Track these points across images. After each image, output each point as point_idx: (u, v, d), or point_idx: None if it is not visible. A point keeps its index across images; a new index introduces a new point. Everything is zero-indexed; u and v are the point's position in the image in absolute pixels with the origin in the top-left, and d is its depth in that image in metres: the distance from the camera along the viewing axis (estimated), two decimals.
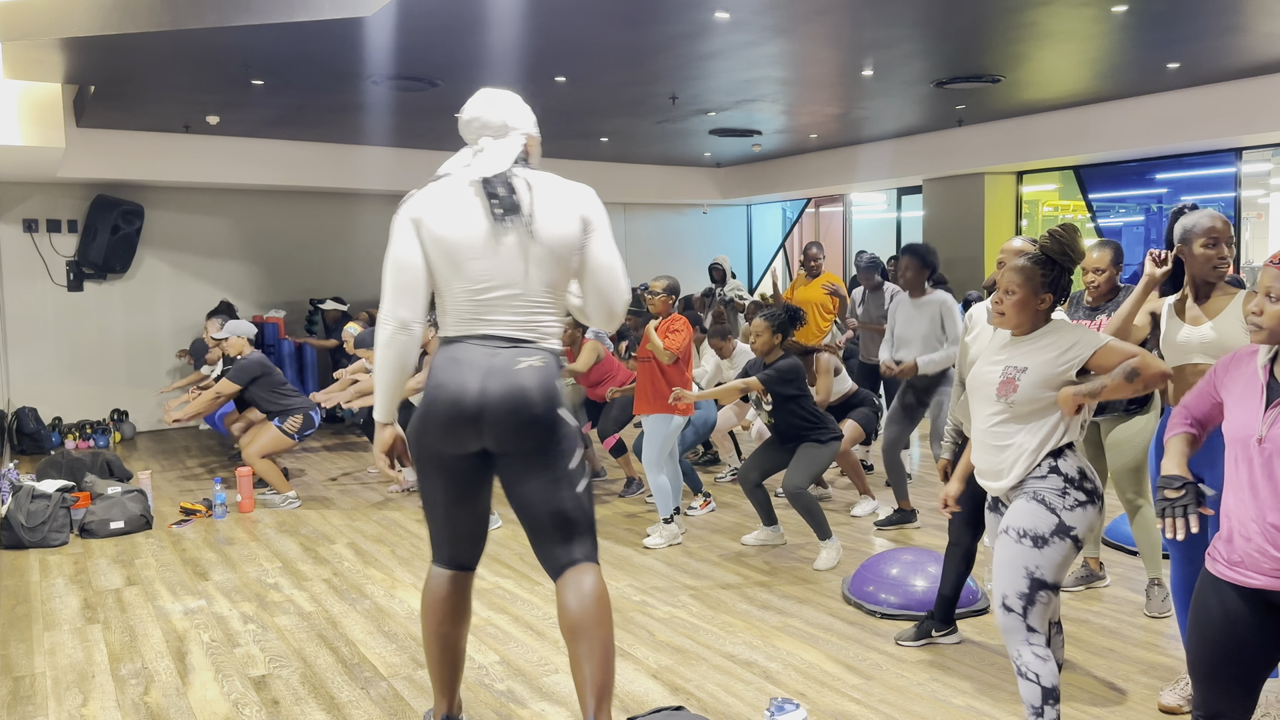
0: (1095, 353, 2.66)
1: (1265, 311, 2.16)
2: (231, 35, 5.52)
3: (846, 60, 6.62)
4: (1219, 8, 5.48)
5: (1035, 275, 2.75)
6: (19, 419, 9.09)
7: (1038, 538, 2.66)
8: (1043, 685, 2.65)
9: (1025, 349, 2.77)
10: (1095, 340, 2.68)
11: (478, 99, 2.85)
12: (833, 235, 13.93)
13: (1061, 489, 2.68)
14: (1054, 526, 2.66)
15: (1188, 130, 8.00)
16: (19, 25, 5.53)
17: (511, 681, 3.64)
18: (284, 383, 6.80)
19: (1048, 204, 12.05)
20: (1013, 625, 2.69)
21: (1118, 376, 2.60)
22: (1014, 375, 2.73)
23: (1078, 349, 2.69)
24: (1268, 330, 2.17)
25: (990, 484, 2.85)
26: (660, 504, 5.44)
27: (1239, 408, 2.24)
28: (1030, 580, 2.66)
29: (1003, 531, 2.73)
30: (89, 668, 3.85)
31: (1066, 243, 2.76)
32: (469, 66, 6.50)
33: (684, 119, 8.88)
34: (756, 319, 5.08)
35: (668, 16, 5.40)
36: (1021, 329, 2.79)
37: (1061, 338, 2.73)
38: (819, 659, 3.79)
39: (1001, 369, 2.77)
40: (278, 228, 10.56)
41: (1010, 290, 2.76)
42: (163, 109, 7.89)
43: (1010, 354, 2.80)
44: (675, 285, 5.47)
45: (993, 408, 2.78)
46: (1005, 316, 2.78)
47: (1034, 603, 2.66)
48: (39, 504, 5.67)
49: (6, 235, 9.30)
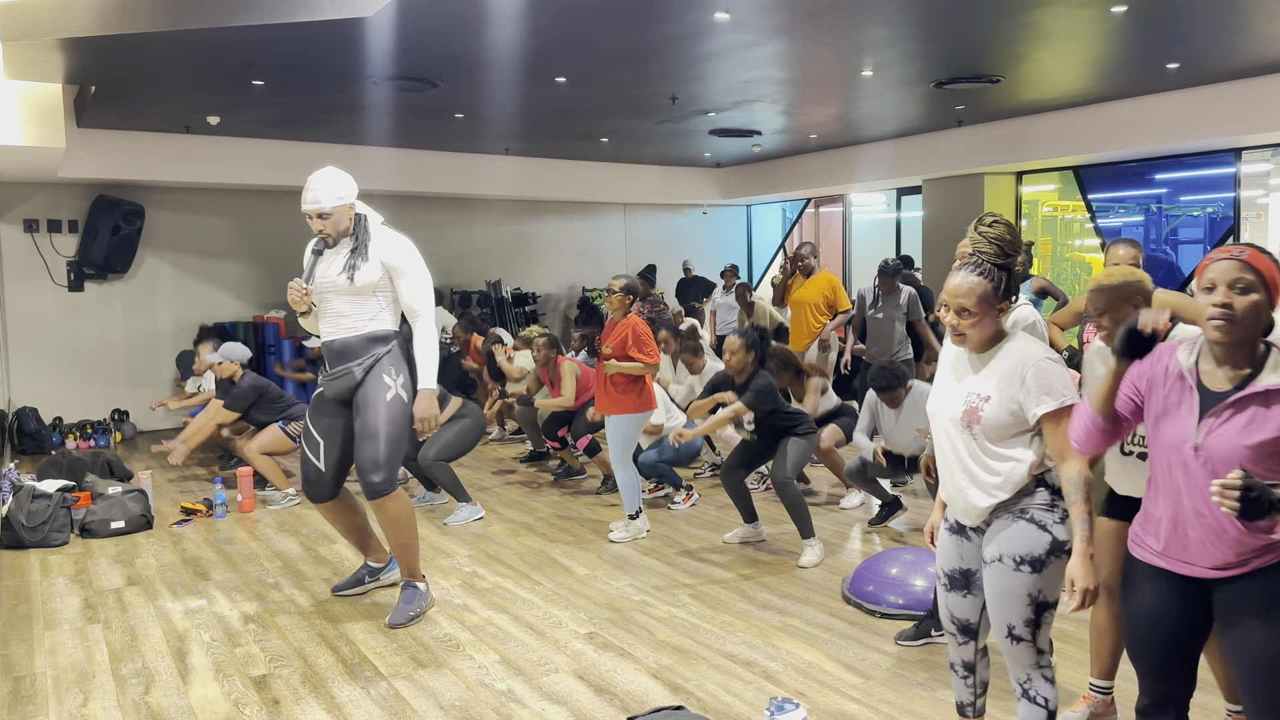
0: (1046, 418, 2.42)
1: (1235, 303, 2.06)
2: (231, 35, 5.53)
3: (846, 60, 6.63)
4: (1218, 8, 5.49)
5: (989, 292, 2.45)
6: (20, 419, 9.10)
7: (1036, 561, 2.45)
8: (1049, 709, 2.52)
9: (986, 370, 2.50)
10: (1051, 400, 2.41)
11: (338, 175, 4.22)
12: (832, 235, 13.93)
13: (1050, 503, 2.47)
14: (1049, 545, 2.45)
15: (1187, 130, 8.00)
16: (19, 25, 5.53)
17: (511, 681, 3.65)
18: (280, 396, 6.80)
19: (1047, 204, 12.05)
20: (1023, 652, 2.53)
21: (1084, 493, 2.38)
22: (975, 405, 2.48)
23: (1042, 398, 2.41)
24: (1241, 323, 2.06)
25: (965, 518, 2.59)
26: (627, 500, 5.55)
27: (1169, 413, 2.16)
28: (1035, 605, 2.48)
29: (994, 561, 2.50)
30: (90, 667, 3.86)
31: (1004, 242, 2.49)
32: (469, 66, 6.50)
33: (684, 119, 8.88)
34: (731, 337, 5.20)
35: (668, 17, 5.40)
36: (983, 347, 2.53)
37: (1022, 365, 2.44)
38: (819, 659, 3.79)
39: (964, 396, 2.52)
40: (278, 228, 10.57)
41: (966, 311, 2.46)
42: (163, 109, 7.89)
43: (970, 377, 2.54)
44: (634, 285, 5.55)
45: (959, 438, 2.54)
46: (966, 339, 2.50)
47: (1041, 625, 2.51)
48: (40, 504, 5.67)
49: (7, 235, 9.31)
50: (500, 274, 12.32)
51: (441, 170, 10.75)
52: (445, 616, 4.36)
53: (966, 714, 2.79)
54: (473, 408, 6.37)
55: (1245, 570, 2.10)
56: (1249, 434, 2.06)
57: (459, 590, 4.72)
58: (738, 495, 5.33)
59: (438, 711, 3.40)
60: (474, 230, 12.18)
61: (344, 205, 4.15)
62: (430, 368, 4.23)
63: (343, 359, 4.22)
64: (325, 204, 4.10)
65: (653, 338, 5.49)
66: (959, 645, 2.71)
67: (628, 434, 5.46)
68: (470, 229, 12.14)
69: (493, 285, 11.98)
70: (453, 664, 3.82)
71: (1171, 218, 12.25)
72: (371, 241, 4.18)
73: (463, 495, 6.09)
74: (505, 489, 7.02)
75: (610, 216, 13.37)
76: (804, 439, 5.12)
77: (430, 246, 11.38)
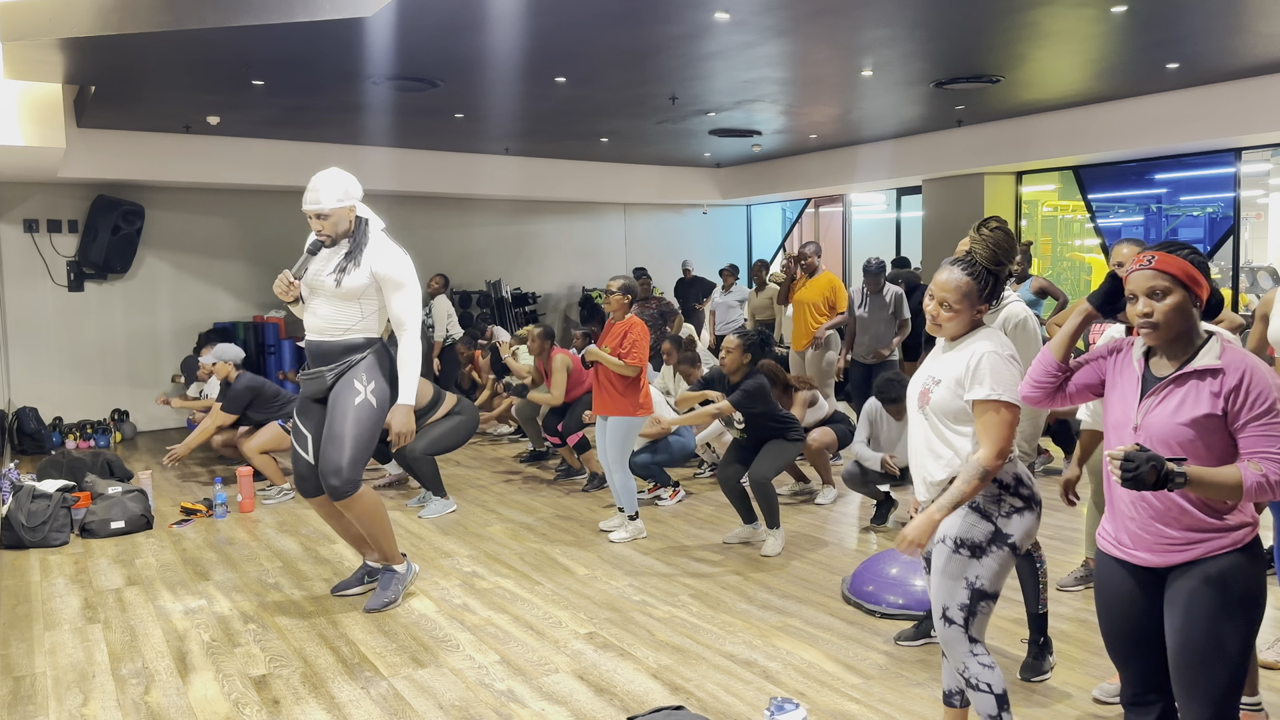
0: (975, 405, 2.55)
1: (1155, 310, 2.15)
2: (231, 35, 5.53)
3: (846, 60, 6.63)
4: (1218, 8, 5.49)
5: (972, 291, 2.59)
6: (20, 419, 9.10)
7: (975, 547, 2.57)
8: (995, 693, 2.59)
9: (946, 357, 2.66)
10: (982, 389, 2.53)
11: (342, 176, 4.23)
12: (832, 235, 13.94)
13: (997, 495, 2.58)
14: (989, 535, 2.56)
15: (1187, 130, 8.00)
16: (19, 25, 5.53)
17: (511, 681, 3.65)
18: (277, 394, 6.80)
19: (1047, 204, 12.06)
20: (954, 637, 2.61)
21: (971, 478, 2.51)
22: (929, 386, 2.65)
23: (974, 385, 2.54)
24: (1166, 325, 2.16)
25: (921, 493, 2.73)
26: (625, 501, 5.56)
27: (1119, 398, 2.28)
28: (971, 591, 2.58)
29: (940, 541, 2.63)
30: (90, 667, 3.86)
31: (1000, 249, 2.59)
32: (469, 66, 6.50)
33: (684, 119, 8.88)
34: (730, 336, 5.23)
35: (668, 17, 5.40)
36: (956, 338, 2.66)
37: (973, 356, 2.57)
38: (819, 659, 3.79)
39: (924, 379, 2.69)
40: (278, 228, 10.56)
41: (946, 305, 2.60)
42: (163, 109, 7.89)
43: (934, 362, 2.70)
44: (632, 285, 5.56)
45: (917, 416, 2.71)
46: (942, 329, 2.65)
47: (975, 614, 2.59)
48: (40, 504, 5.67)
49: (7, 235, 9.31)
50: (500, 274, 12.33)
51: (441, 170, 10.75)
52: (445, 616, 4.36)
53: (953, 703, 2.82)
54: (467, 404, 6.40)
55: (1190, 557, 2.15)
56: (1182, 411, 2.13)
57: (459, 590, 4.72)
58: (736, 497, 5.36)
59: (438, 711, 3.40)
60: (474, 230, 12.18)
61: (344, 207, 4.15)
62: (410, 382, 4.23)
63: (317, 361, 4.27)
64: (325, 205, 4.10)
65: (646, 343, 5.46)
66: None
67: (626, 437, 5.47)
68: (470, 229, 12.14)
69: (493, 285, 11.98)
70: (453, 664, 3.82)
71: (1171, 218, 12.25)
72: (366, 248, 4.17)
73: (439, 490, 6.22)
74: (505, 489, 7.02)
75: (610, 216, 13.37)
76: (791, 444, 5.23)
77: (430, 246, 11.43)
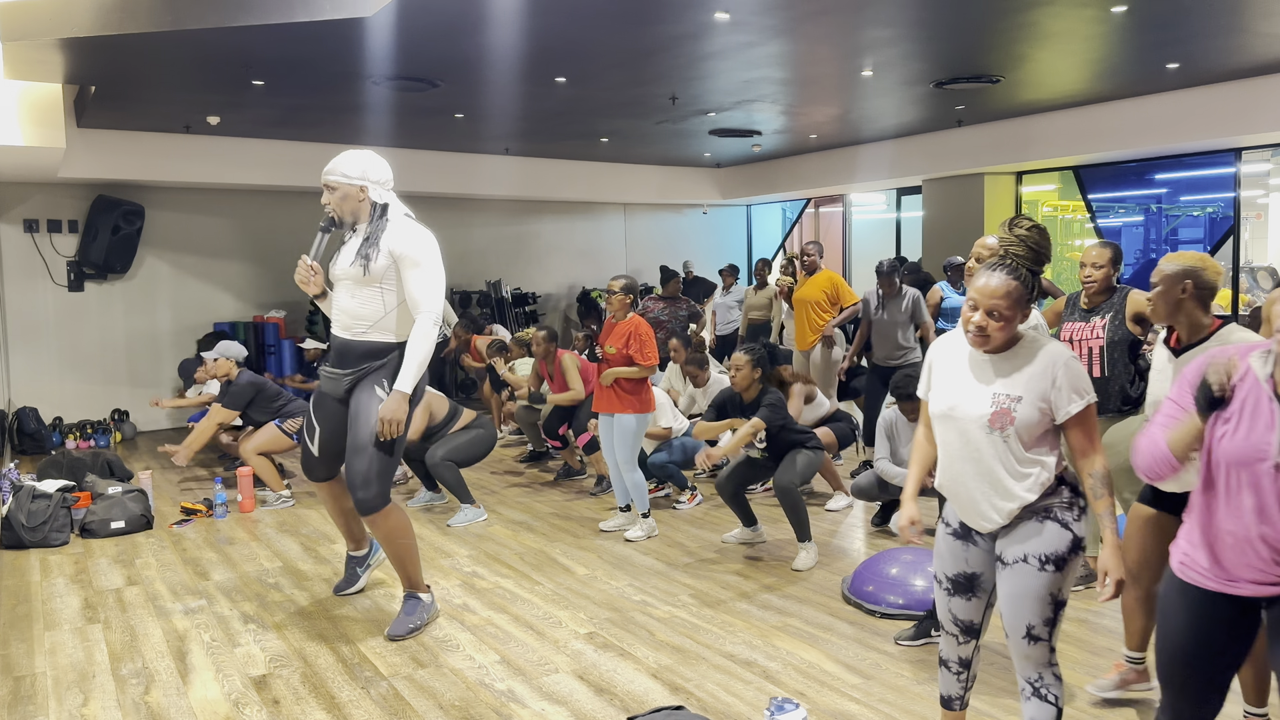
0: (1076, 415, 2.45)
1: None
2: (231, 35, 5.53)
3: (846, 60, 6.63)
4: (1218, 8, 5.49)
5: (1023, 296, 2.44)
6: (20, 419, 9.10)
7: (1059, 560, 2.45)
8: (1059, 707, 2.51)
9: (1013, 371, 2.48)
10: (1082, 399, 2.44)
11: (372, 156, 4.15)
12: (832, 235, 13.93)
13: (1070, 500, 2.49)
14: (1070, 544, 2.46)
15: (1187, 130, 8.00)
16: (19, 25, 5.53)
17: (511, 681, 3.65)
18: (278, 394, 6.78)
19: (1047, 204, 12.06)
20: (1039, 653, 2.51)
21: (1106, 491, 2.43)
22: (1008, 406, 2.44)
23: (1073, 396, 2.43)
24: (994, 339, 2.13)
25: (984, 522, 2.54)
26: (638, 499, 5.56)
27: (1241, 424, 2.00)
28: (1054, 604, 2.48)
29: (1018, 561, 2.48)
30: (90, 667, 3.86)
31: (1040, 247, 2.50)
32: (469, 66, 6.50)
33: (684, 119, 8.88)
34: (737, 354, 5.16)
35: (668, 17, 5.40)
36: (1003, 349, 2.51)
37: (1052, 365, 2.45)
38: (819, 659, 3.79)
39: (991, 397, 2.47)
40: (278, 228, 10.57)
41: (996, 313, 2.43)
42: (163, 109, 7.89)
43: (996, 378, 2.49)
44: (634, 284, 5.56)
45: (985, 442, 2.48)
46: (989, 340, 2.46)
47: (1057, 623, 2.51)
48: (40, 504, 5.67)
49: (7, 235, 9.31)
50: (500, 274, 12.33)
51: (441, 170, 10.75)
52: (445, 616, 4.36)
53: (953, 707, 2.80)
54: (486, 421, 6.34)
55: None
56: None
57: (459, 590, 4.72)
58: (736, 504, 5.32)
59: (438, 711, 3.40)
60: (474, 230, 12.18)
61: (353, 185, 4.04)
62: (413, 368, 3.95)
63: (339, 362, 4.11)
64: (333, 176, 4.03)
65: (654, 339, 5.49)
66: (960, 644, 2.71)
67: (636, 434, 5.47)
68: (470, 229, 12.14)
69: (493, 285, 11.98)
70: (453, 664, 3.82)
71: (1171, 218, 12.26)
72: (386, 231, 4.06)
73: (466, 497, 6.07)
74: (505, 489, 7.02)
75: (610, 216, 13.37)
76: (814, 453, 5.16)
77: None
